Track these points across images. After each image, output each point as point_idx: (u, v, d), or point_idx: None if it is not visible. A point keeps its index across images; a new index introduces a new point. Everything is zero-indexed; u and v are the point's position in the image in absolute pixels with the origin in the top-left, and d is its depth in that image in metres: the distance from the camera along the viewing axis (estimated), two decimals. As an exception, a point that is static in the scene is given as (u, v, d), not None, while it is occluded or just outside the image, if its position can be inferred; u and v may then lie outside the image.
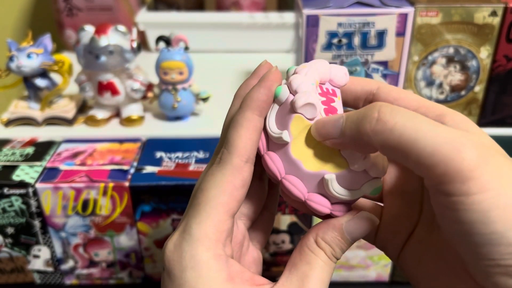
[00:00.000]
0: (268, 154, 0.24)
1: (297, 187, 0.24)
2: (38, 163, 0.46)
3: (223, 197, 0.22)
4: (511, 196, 0.18)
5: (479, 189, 0.18)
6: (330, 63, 0.26)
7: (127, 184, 0.43)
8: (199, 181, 0.24)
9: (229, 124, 0.24)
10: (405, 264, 0.26)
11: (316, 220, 0.45)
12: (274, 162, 0.24)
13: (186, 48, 0.51)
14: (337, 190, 0.23)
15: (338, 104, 0.25)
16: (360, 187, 0.23)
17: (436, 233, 0.25)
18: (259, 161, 0.25)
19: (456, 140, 0.19)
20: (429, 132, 0.19)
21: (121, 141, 0.50)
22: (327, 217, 0.25)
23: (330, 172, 0.23)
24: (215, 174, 0.23)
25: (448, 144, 0.19)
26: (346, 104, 0.27)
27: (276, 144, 0.24)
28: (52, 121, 0.53)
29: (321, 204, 0.24)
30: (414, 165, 0.20)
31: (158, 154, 0.47)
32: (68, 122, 0.53)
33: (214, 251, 0.22)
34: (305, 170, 0.23)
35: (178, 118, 0.55)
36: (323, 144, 0.23)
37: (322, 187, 0.24)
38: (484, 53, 0.47)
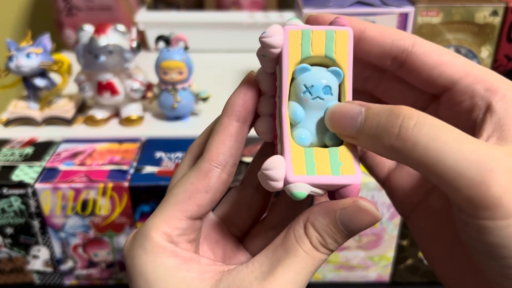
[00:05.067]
0: None
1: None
2: (37, 163, 0.46)
3: (182, 196, 0.22)
4: None
5: (505, 216, 0.17)
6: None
7: (126, 184, 0.43)
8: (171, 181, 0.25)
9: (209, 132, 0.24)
10: (412, 224, 0.25)
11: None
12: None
13: (186, 48, 0.51)
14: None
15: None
16: None
17: (448, 206, 0.23)
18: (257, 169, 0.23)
19: (483, 164, 0.17)
20: (453, 154, 0.18)
21: (120, 141, 0.49)
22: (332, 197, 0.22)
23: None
24: (185, 175, 0.23)
25: (474, 168, 0.17)
26: (370, 58, 0.23)
27: None
28: (52, 121, 0.53)
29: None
30: (436, 184, 0.19)
31: (158, 154, 0.47)
32: (68, 122, 0.53)
33: (162, 238, 0.22)
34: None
35: (177, 118, 0.54)
36: None
37: None
38: (485, 53, 0.46)
